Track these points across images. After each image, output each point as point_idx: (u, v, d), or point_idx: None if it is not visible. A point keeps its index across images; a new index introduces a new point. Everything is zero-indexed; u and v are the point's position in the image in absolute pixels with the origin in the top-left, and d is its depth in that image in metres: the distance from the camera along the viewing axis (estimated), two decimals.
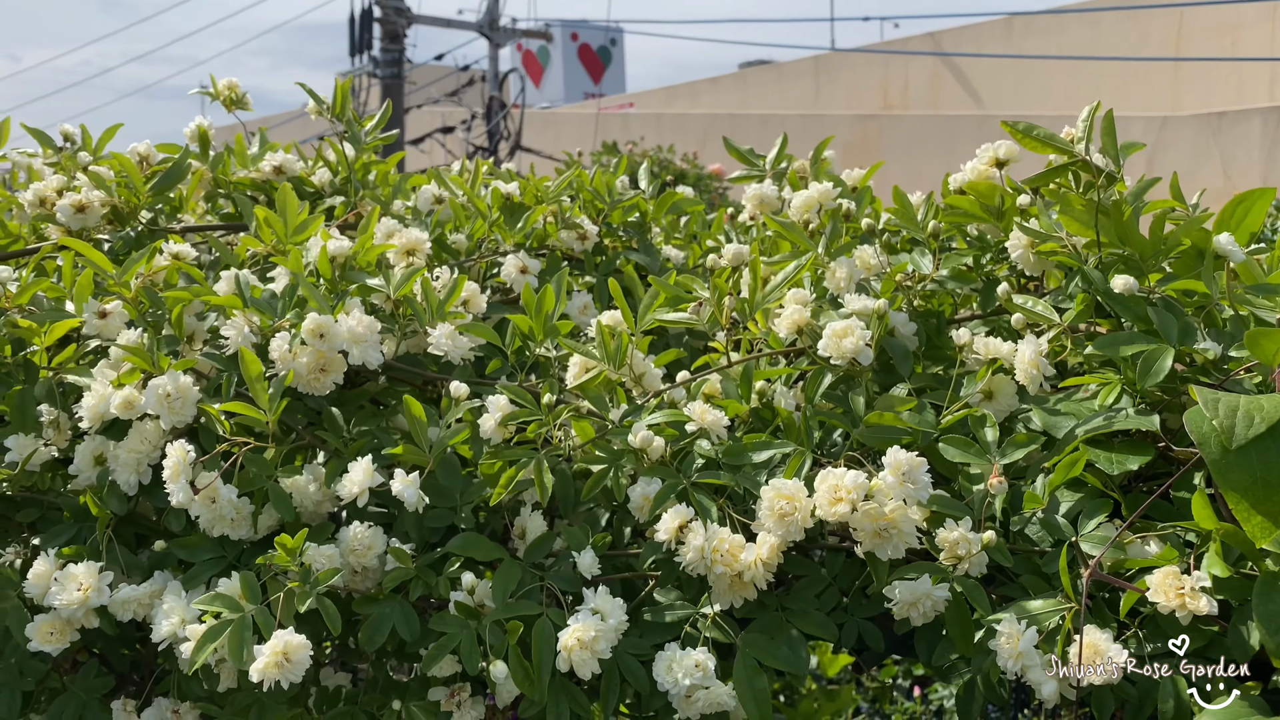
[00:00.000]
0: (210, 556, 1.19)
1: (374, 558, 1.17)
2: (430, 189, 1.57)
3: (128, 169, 1.48)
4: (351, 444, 1.22)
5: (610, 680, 1.13)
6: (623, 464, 1.15)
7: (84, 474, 1.24)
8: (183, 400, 1.17)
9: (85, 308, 1.28)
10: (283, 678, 1.03)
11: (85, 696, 1.27)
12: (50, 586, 1.14)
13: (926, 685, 3.02)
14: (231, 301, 1.23)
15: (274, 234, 1.37)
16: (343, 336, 1.19)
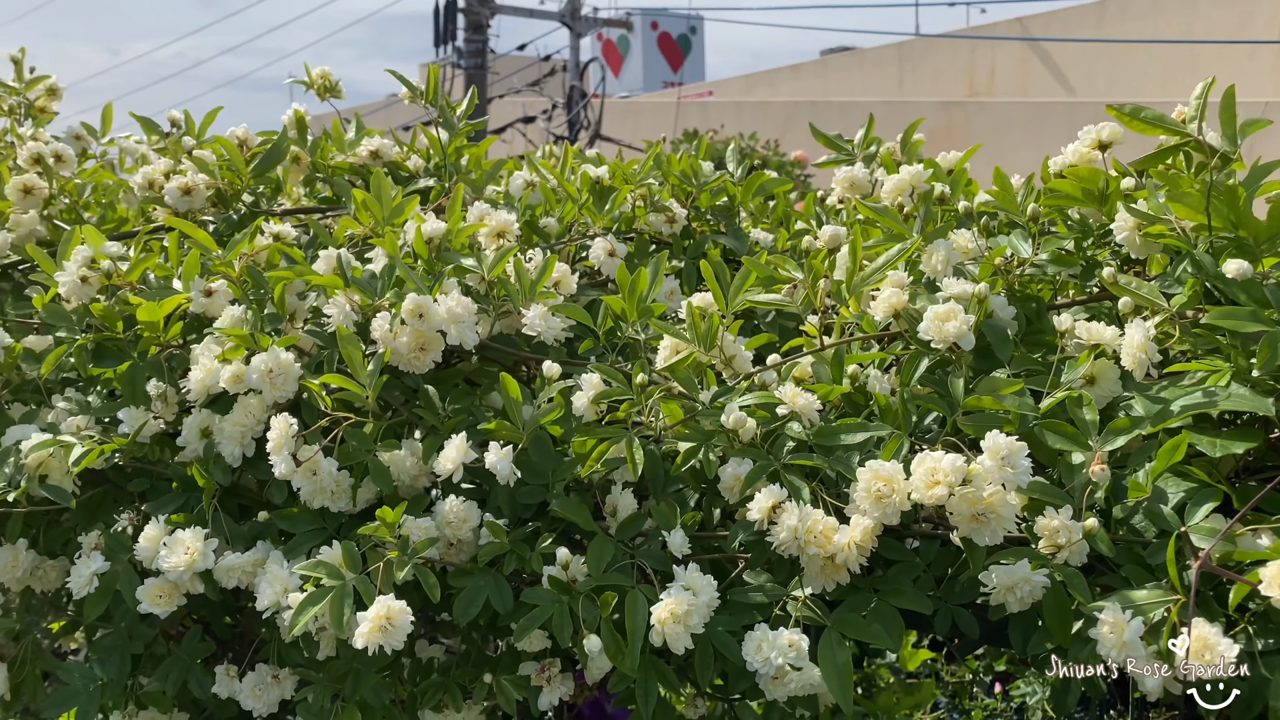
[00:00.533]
0: (310, 528, 1.22)
1: (468, 531, 1.19)
2: (521, 174, 1.59)
3: (230, 152, 1.53)
4: (447, 421, 1.24)
5: (704, 656, 1.13)
6: (713, 444, 1.15)
7: (191, 446, 1.28)
8: (284, 376, 1.21)
9: (192, 286, 1.33)
10: (385, 642, 1.05)
11: (189, 661, 1.32)
12: (159, 551, 1.19)
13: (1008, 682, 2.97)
14: (333, 281, 1.26)
15: (371, 217, 1.40)
16: (441, 317, 1.21)
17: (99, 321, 1.31)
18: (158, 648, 1.35)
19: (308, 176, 1.71)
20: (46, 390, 1.38)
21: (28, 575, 1.36)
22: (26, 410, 1.35)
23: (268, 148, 1.57)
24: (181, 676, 1.30)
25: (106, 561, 1.23)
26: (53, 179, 1.57)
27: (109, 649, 1.32)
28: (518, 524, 1.22)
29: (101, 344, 1.30)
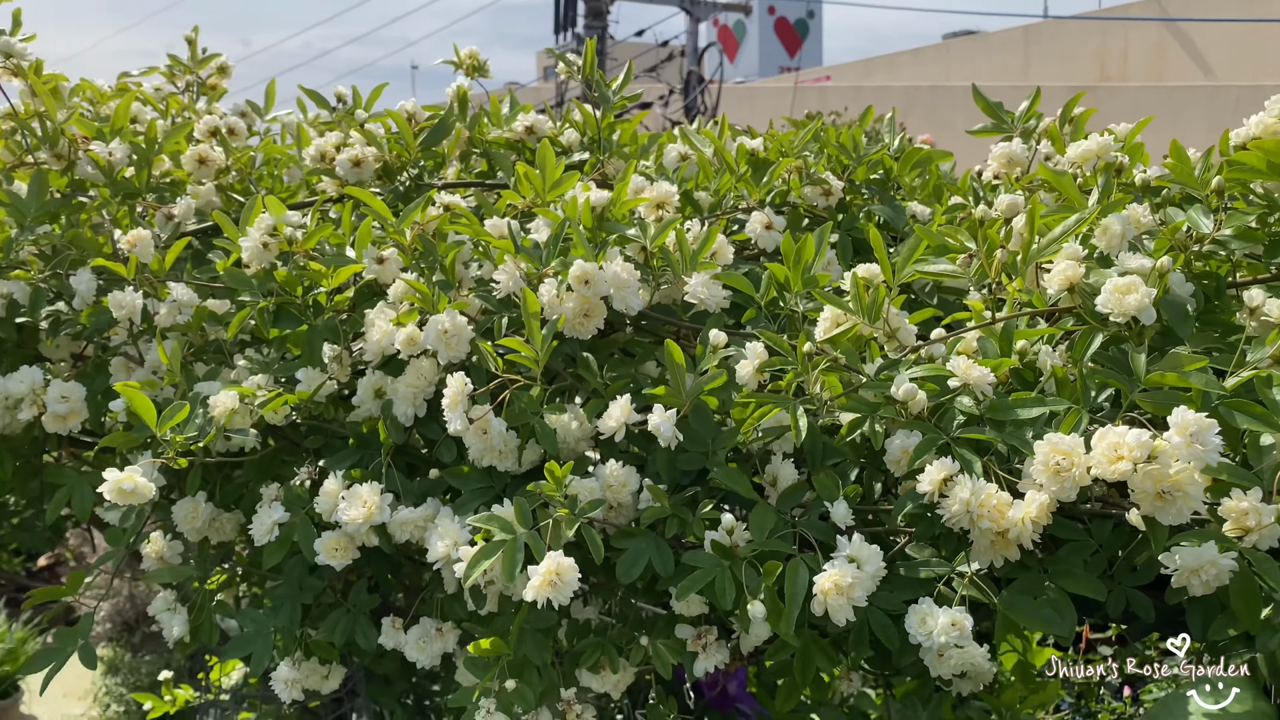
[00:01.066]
0: (478, 486, 1.26)
1: (628, 495, 1.21)
2: (676, 147, 1.60)
3: (400, 125, 1.58)
4: (609, 386, 1.26)
5: (860, 632, 1.13)
6: (879, 416, 1.15)
7: (365, 406, 1.33)
8: (458, 338, 1.24)
9: (365, 254, 1.38)
10: (554, 596, 1.08)
11: (357, 613, 1.38)
12: (338, 504, 1.24)
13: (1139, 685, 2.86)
14: (504, 245, 1.29)
15: (532, 188, 1.43)
16: (607, 283, 1.23)
17: (279, 286, 1.37)
18: (325, 599, 1.42)
19: (464, 152, 1.76)
20: (226, 349, 1.45)
21: (206, 526, 1.44)
22: (209, 369, 1.42)
23: (434, 122, 1.61)
24: (350, 628, 1.36)
25: (286, 512, 1.29)
26: (228, 151, 1.64)
27: (281, 598, 1.39)
28: (676, 490, 1.23)
29: (282, 307, 1.36)
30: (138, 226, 1.48)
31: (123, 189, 1.55)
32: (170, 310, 1.37)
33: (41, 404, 1.39)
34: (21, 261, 1.44)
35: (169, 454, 1.24)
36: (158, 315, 1.37)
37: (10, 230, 1.47)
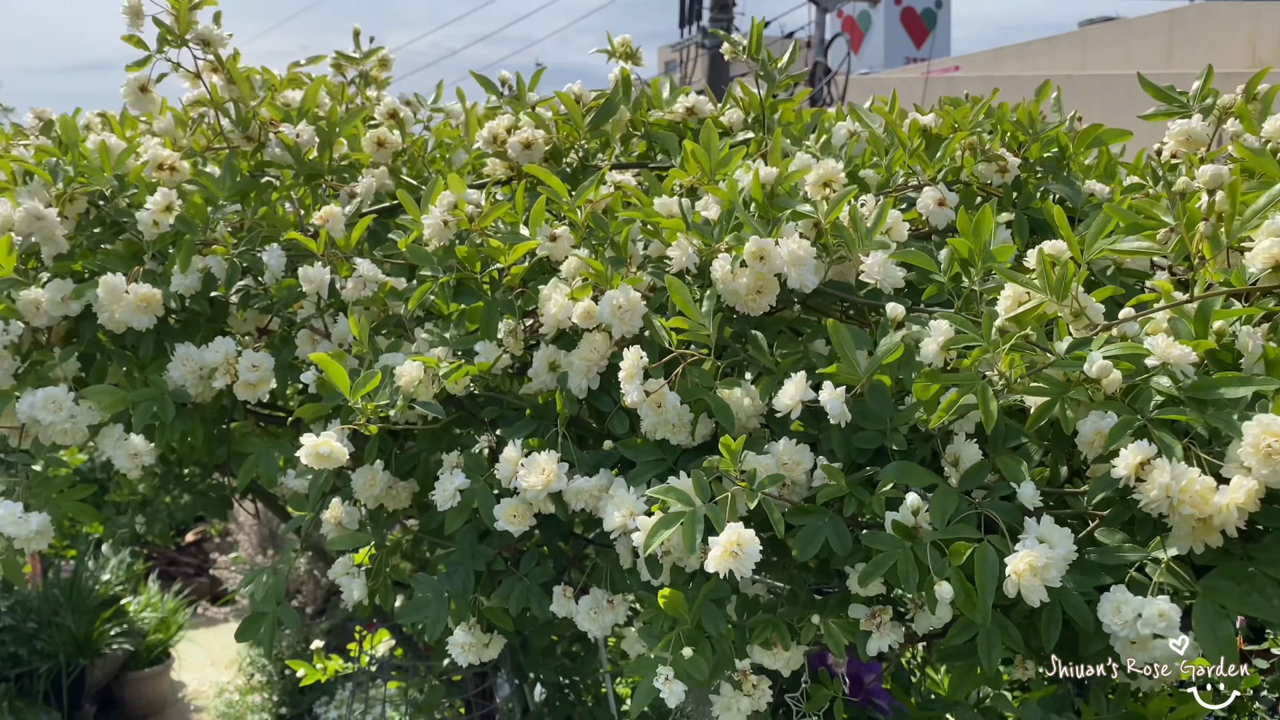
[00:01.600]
0: (651, 458, 1.28)
1: (802, 473, 1.21)
2: (845, 124, 1.58)
3: (568, 106, 1.61)
4: (781, 362, 1.26)
5: (1051, 614, 1.10)
6: (1070, 397, 1.11)
7: (540, 378, 1.36)
8: (633, 312, 1.26)
9: (539, 232, 1.41)
10: (735, 567, 1.08)
11: (531, 581, 1.41)
12: (517, 471, 1.27)
13: None
14: (675, 224, 1.30)
15: (699, 166, 1.44)
16: (782, 259, 1.23)
17: (459, 262, 1.41)
18: (496, 566, 1.45)
19: (624, 134, 1.78)
20: (405, 323, 1.50)
21: (382, 494, 1.50)
22: (390, 341, 1.48)
23: (600, 103, 1.64)
24: (525, 596, 1.39)
25: (466, 479, 1.33)
26: (404, 134, 1.70)
27: (455, 564, 1.43)
28: (852, 469, 1.22)
29: (462, 282, 1.41)
30: (321, 205, 1.55)
31: (308, 169, 1.62)
32: (356, 285, 1.43)
33: (234, 373, 1.47)
34: (217, 238, 1.52)
35: (360, 421, 1.29)
36: (344, 290, 1.43)
37: (205, 209, 1.56)
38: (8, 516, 1.41)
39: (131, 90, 1.58)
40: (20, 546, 1.44)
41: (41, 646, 4.55)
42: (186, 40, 1.59)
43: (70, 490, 1.52)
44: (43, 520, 1.44)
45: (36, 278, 1.56)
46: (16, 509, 1.42)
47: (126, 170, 1.58)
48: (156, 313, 1.51)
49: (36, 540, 1.43)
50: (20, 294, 1.52)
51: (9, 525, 1.41)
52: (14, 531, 1.41)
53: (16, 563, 1.51)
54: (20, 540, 1.42)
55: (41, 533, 1.44)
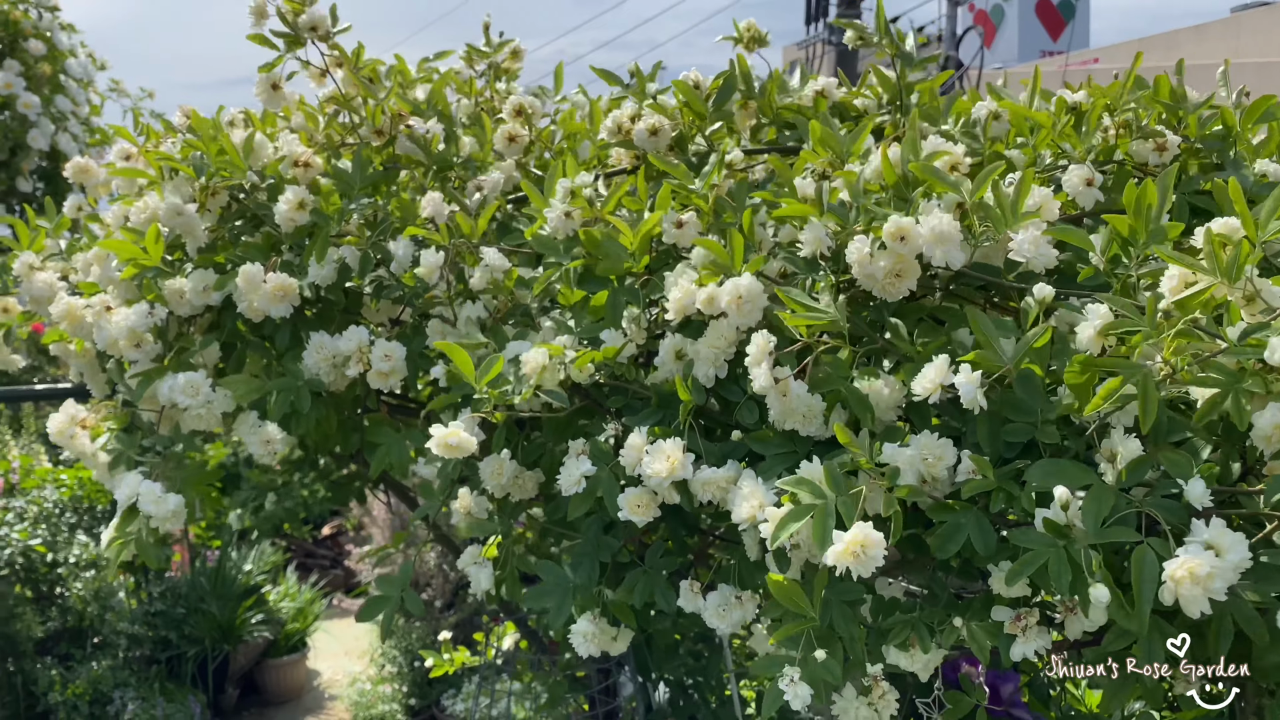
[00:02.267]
0: (780, 450, 1.23)
1: (943, 469, 1.15)
2: (985, 104, 1.50)
3: (686, 93, 1.58)
4: (921, 350, 1.20)
5: (1221, 624, 1.01)
6: (1244, 388, 1.02)
7: (665, 367, 1.33)
8: (752, 303, 1.22)
9: (665, 218, 1.38)
10: (856, 568, 1.03)
11: (655, 574, 1.38)
12: (642, 458, 1.24)
13: None
14: (804, 209, 1.26)
15: (829, 149, 1.39)
16: (925, 238, 1.17)
17: (584, 249, 1.39)
18: (622, 558, 1.43)
19: (755, 124, 1.73)
20: (532, 313, 1.50)
21: (509, 483, 1.49)
22: (517, 330, 1.47)
23: (720, 85, 1.61)
24: (650, 588, 1.37)
25: (592, 466, 1.31)
26: (532, 129, 1.70)
27: (580, 554, 1.41)
28: (999, 464, 1.15)
29: (587, 269, 1.39)
30: (450, 199, 1.56)
31: (437, 161, 1.63)
32: (483, 274, 1.43)
33: (367, 361, 1.49)
34: (350, 230, 1.54)
35: (486, 408, 1.29)
36: (471, 279, 1.43)
37: (339, 202, 1.59)
38: (148, 495, 1.47)
39: (264, 88, 1.62)
40: (156, 525, 1.49)
41: (189, 631, 4.78)
42: (303, 34, 1.62)
43: (203, 474, 1.57)
44: (179, 501, 1.49)
45: (181, 268, 1.61)
46: (156, 488, 1.47)
47: (264, 164, 1.63)
48: (293, 302, 1.54)
49: (172, 520, 1.48)
50: (166, 283, 1.58)
51: (149, 504, 1.46)
52: (153, 510, 1.46)
53: (151, 545, 1.56)
54: (158, 519, 1.47)
55: (176, 513, 1.48)
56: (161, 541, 1.54)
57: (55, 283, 1.84)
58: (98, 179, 2.00)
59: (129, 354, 1.61)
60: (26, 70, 4.74)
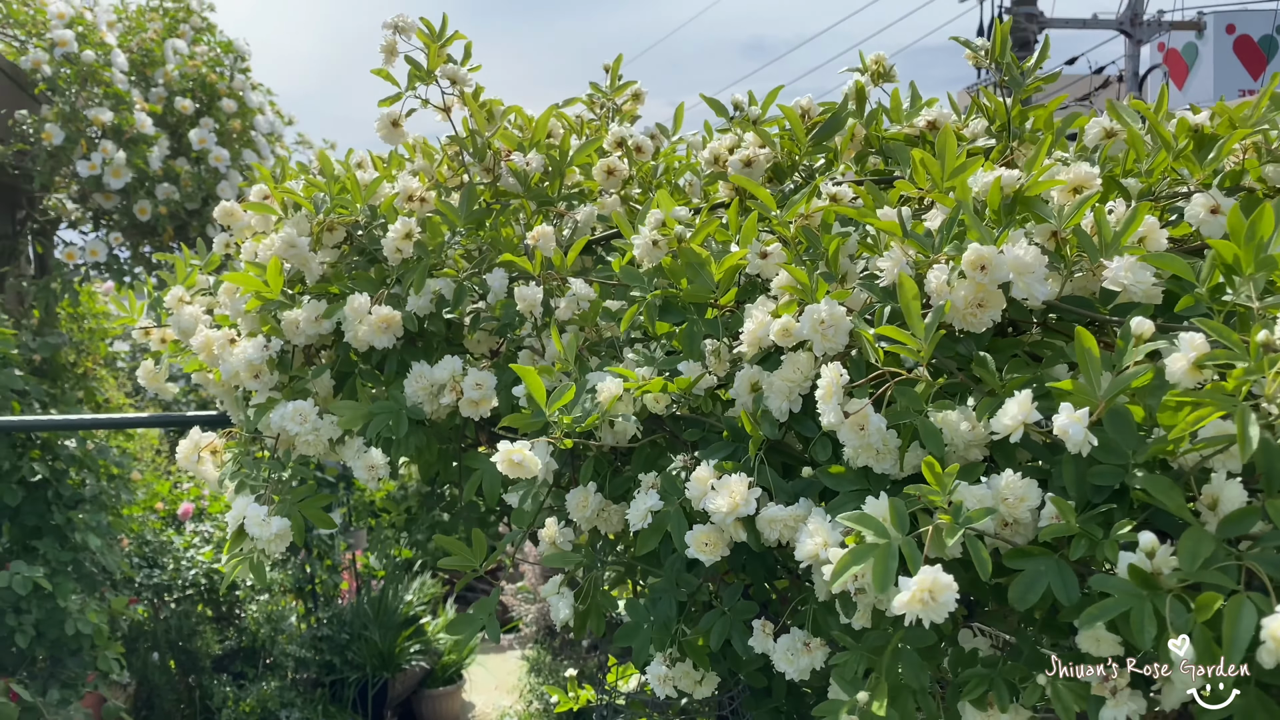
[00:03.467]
0: (854, 488, 1.17)
1: (1026, 511, 1.06)
2: (1100, 121, 1.41)
3: (791, 120, 1.55)
4: (1005, 384, 1.12)
5: None
6: None
7: (741, 399, 1.30)
8: (835, 328, 1.17)
9: (750, 248, 1.36)
10: (925, 615, 0.96)
11: (733, 616, 1.34)
12: (707, 492, 1.21)
13: None
14: (890, 227, 1.21)
15: (929, 177, 1.33)
16: (1007, 267, 1.10)
17: (666, 280, 1.38)
18: (700, 597, 1.40)
19: (860, 153, 1.69)
20: (618, 344, 1.49)
21: (594, 516, 1.48)
22: (600, 361, 1.47)
23: (827, 117, 1.57)
24: (725, 631, 1.33)
25: (660, 500, 1.29)
26: (631, 162, 1.71)
27: (659, 592, 1.39)
28: (1086, 509, 1.06)
29: (667, 301, 1.38)
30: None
31: (536, 196, 1.67)
32: (569, 304, 1.44)
33: (459, 390, 1.52)
34: (449, 261, 1.59)
35: (556, 434, 1.29)
36: (557, 309, 1.44)
37: (443, 234, 1.64)
38: (254, 518, 1.53)
39: (384, 125, 1.69)
40: (262, 547, 1.55)
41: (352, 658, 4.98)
42: (435, 77, 1.68)
43: (312, 499, 1.63)
44: (283, 524, 1.55)
45: (299, 300, 1.70)
46: (261, 512, 1.53)
47: (380, 201, 1.70)
48: (396, 333, 1.60)
49: (277, 542, 1.54)
50: (284, 314, 1.66)
51: (254, 526, 1.53)
52: (258, 532, 1.52)
53: (263, 564, 1.63)
54: (262, 541, 1.54)
55: (281, 536, 1.54)
56: (332, 569, 1.61)
57: (200, 315, 1.97)
58: (243, 221, 2.14)
59: (249, 384, 1.70)
60: (219, 127, 5.15)
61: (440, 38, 1.72)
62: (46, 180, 4.48)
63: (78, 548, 3.88)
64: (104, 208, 4.78)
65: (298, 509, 1.62)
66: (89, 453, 4.07)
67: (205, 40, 5.49)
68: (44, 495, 3.82)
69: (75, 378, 4.98)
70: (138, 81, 5.02)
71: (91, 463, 4.08)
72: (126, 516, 4.68)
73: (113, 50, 4.74)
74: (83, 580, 3.93)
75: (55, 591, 3.65)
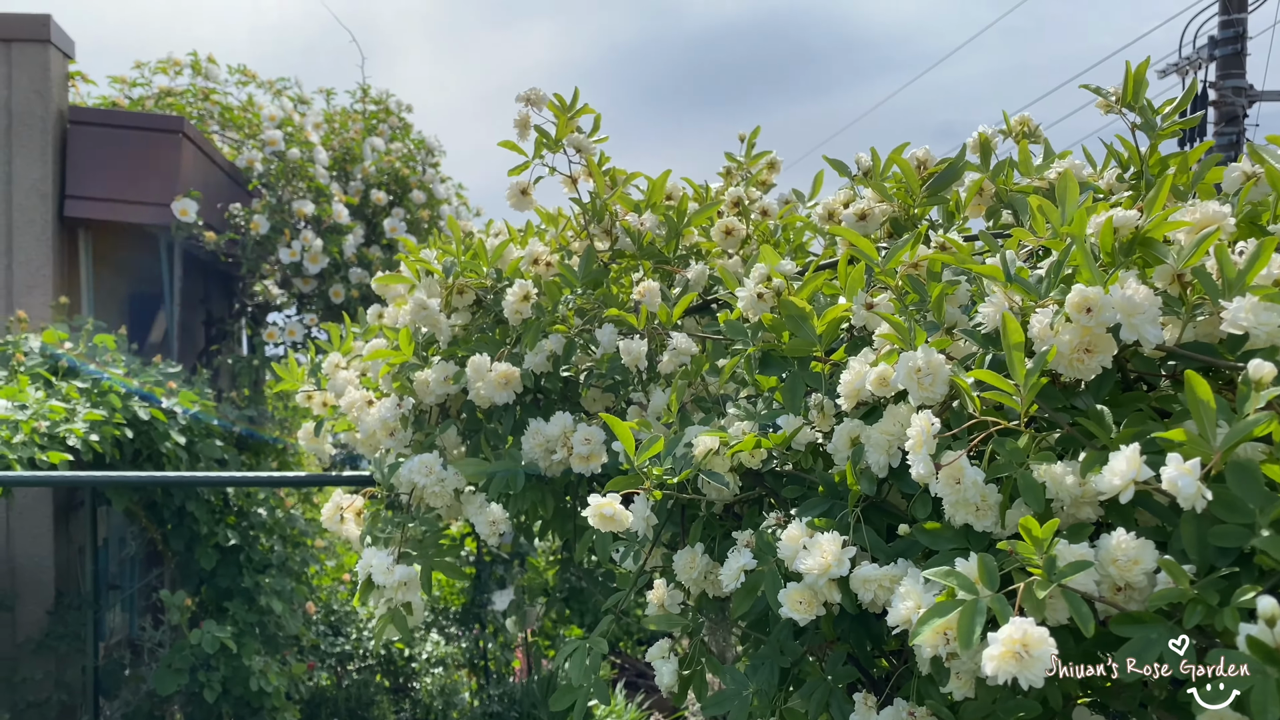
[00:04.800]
0: (953, 547, 1.10)
1: (1140, 574, 0.96)
2: (1240, 165, 1.30)
3: (905, 171, 1.51)
4: (1115, 436, 1.03)
5: None
6: None
7: (840, 454, 1.25)
8: (933, 376, 1.11)
9: (855, 300, 1.32)
10: (1020, 674, 0.88)
11: (832, 683, 1.27)
12: (799, 551, 1.16)
13: None
14: (994, 272, 1.14)
15: (1048, 224, 1.26)
16: (1114, 308, 1.02)
17: (768, 334, 1.36)
18: (805, 666, 1.33)
19: (991, 208, 1.62)
20: (724, 400, 1.47)
21: (702, 578, 1.45)
22: (703, 415, 1.45)
23: (943, 167, 1.52)
24: (824, 699, 1.26)
25: (755, 559, 1.24)
26: (748, 221, 1.70)
27: (761, 658, 1.33)
28: (1207, 572, 0.95)
29: (768, 353, 1.35)
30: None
31: (651, 255, 1.68)
32: (671, 357, 1.43)
33: (570, 446, 1.53)
34: (562, 318, 1.62)
35: (645, 484, 1.27)
36: (660, 363, 1.44)
37: (562, 293, 1.68)
38: (379, 567, 1.58)
39: (514, 194, 1.76)
40: (389, 595, 1.59)
41: None
42: (563, 146, 1.74)
43: (445, 549, 1.66)
44: (407, 572, 1.58)
45: (431, 362, 1.77)
46: (387, 560, 1.58)
47: (507, 264, 1.76)
48: (515, 389, 1.63)
49: (404, 590, 1.58)
50: (415, 375, 1.74)
51: (380, 574, 1.58)
52: (382, 580, 1.57)
53: (404, 616, 1.67)
54: (389, 589, 1.58)
55: (407, 584, 1.58)
56: (505, 646, 1.65)
57: (352, 379, 2.09)
58: (395, 292, 2.26)
59: (386, 442, 1.78)
60: (409, 216, 5.51)
61: (570, 109, 1.78)
62: (254, 266, 4.90)
63: (263, 610, 4.11)
64: (303, 292, 5.17)
65: (428, 559, 1.66)
66: (279, 520, 4.34)
67: (400, 138, 5.92)
68: (236, 559, 4.08)
69: (275, 451, 5.35)
70: (338, 176, 5.45)
71: (281, 529, 4.34)
72: (316, 586, 4.93)
73: (315, 148, 5.17)
74: (267, 642, 4.15)
75: (240, 651, 3.86)
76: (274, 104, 5.57)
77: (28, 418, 2.98)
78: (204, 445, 4.01)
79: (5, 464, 2.77)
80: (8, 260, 4.30)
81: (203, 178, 4.78)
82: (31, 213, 4.26)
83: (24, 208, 4.26)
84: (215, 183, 4.97)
